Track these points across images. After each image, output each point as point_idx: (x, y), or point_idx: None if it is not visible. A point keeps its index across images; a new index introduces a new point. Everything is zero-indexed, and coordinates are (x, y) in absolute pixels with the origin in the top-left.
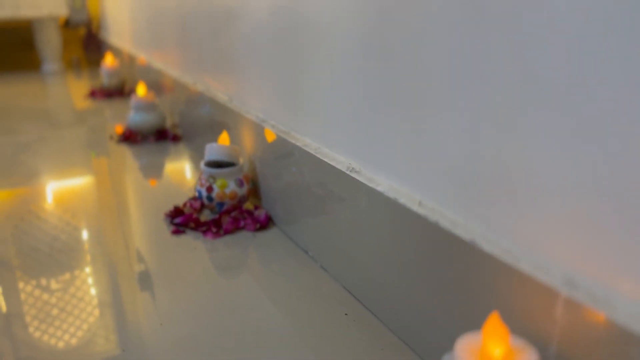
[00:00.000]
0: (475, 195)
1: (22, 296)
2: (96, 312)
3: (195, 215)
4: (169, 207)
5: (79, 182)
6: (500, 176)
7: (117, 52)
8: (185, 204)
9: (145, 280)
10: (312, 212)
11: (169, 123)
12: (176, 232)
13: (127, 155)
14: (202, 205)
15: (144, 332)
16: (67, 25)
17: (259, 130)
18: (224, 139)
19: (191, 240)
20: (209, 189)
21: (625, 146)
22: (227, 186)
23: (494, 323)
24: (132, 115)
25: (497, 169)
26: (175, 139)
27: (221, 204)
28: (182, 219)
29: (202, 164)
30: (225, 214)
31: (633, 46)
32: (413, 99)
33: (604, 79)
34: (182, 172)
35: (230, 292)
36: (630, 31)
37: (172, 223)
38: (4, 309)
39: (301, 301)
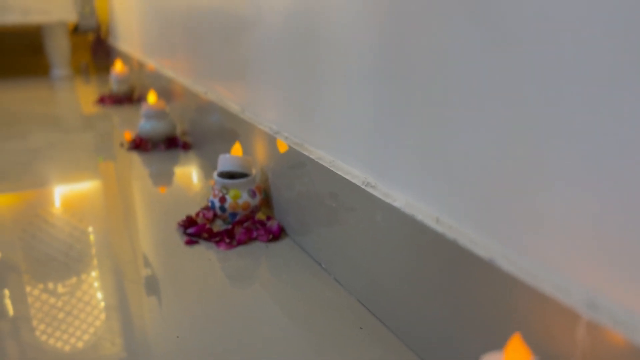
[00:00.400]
0: (494, 213)
1: (30, 300)
2: (102, 316)
3: (208, 226)
4: (180, 215)
5: (88, 188)
6: (521, 194)
7: (125, 59)
8: (198, 214)
9: (155, 289)
10: (326, 225)
11: (178, 131)
12: (189, 242)
13: (137, 162)
14: (215, 216)
15: (151, 336)
16: (76, 31)
17: (271, 141)
18: (237, 149)
19: (204, 251)
20: (222, 200)
21: None
22: (240, 197)
23: (516, 344)
24: (142, 123)
25: (517, 187)
26: (186, 146)
27: (234, 215)
28: (195, 229)
29: (215, 175)
30: (238, 225)
31: None
32: (431, 115)
33: (626, 98)
34: (193, 180)
35: (244, 303)
36: None
37: (185, 233)
38: (12, 312)
39: (315, 314)
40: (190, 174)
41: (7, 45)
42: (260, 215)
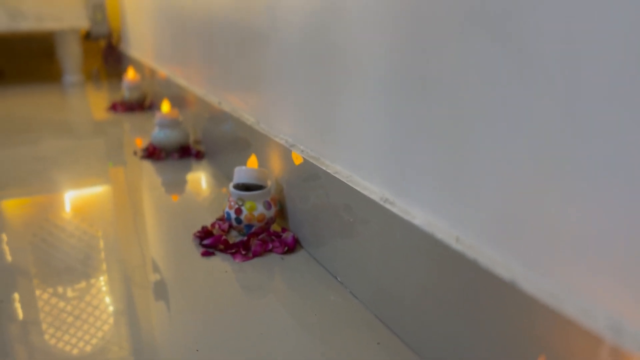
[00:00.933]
0: (515, 233)
1: (39, 304)
2: (111, 320)
3: (224, 237)
4: (193, 222)
5: (100, 195)
6: (542, 215)
7: (137, 65)
8: (213, 225)
9: (166, 296)
10: (342, 239)
11: (191, 139)
12: (206, 253)
13: (150, 171)
14: (230, 227)
15: (159, 342)
16: (88, 37)
17: (286, 153)
18: (253, 162)
19: (219, 262)
20: (238, 211)
21: None
22: (255, 209)
23: None
24: (156, 131)
25: (539, 208)
26: (199, 155)
27: (249, 226)
28: (211, 240)
29: (230, 186)
30: (253, 236)
31: None
32: (452, 134)
33: None
34: (206, 189)
35: (260, 316)
36: None
37: (201, 244)
38: (21, 316)
39: (332, 328)
40: (203, 183)
41: (20, 50)
42: (275, 227)
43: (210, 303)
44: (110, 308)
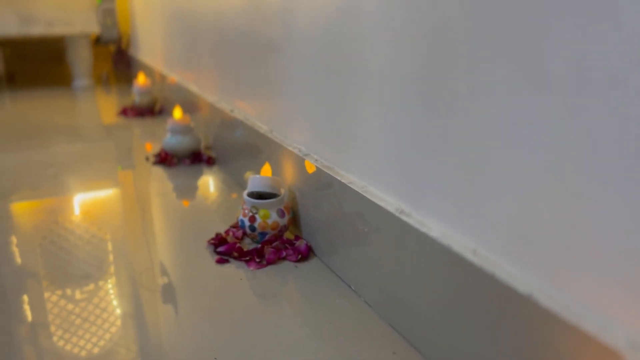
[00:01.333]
0: (533, 247)
1: (48, 306)
2: (118, 322)
3: (238, 245)
4: (205, 228)
5: (111, 200)
6: (561, 229)
7: (147, 70)
8: (227, 232)
9: (174, 300)
10: (357, 248)
11: (202, 145)
12: (220, 261)
13: (162, 176)
14: (244, 234)
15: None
16: (98, 42)
17: (300, 162)
18: (266, 170)
19: (234, 269)
20: (252, 219)
21: None
22: (269, 217)
23: None
24: (168, 137)
25: (557, 222)
26: (210, 161)
27: (263, 234)
28: (225, 248)
29: (244, 195)
30: (267, 244)
31: None
32: (467, 147)
33: None
34: (217, 195)
35: (274, 323)
36: None
37: (216, 252)
38: (30, 318)
39: (347, 337)
40: (215, 189)
41: (30, 54)
42: (288, 235)
43: (225, 310)
44: (118, 311)
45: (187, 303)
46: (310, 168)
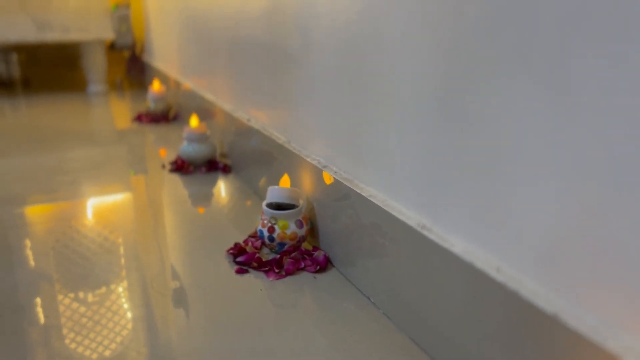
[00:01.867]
0: (559, 265)
1: (61, 308)
2: (129, 325)
3: (257, 255)
4: (221, 236)
5: (126, 206)
6: (587, 247)
7: (161, 77)
8: (246, 242)
9: (186, 305)
10: (376, 261)
11: (217, 153)
12: (240, 271)
13: (179, 184)
14: (263, 244)
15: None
16: (112, 47)
17: (318, 173)
18: (285, 181)
19: (253, 279)
20: (271, 230)
21: None
22: (288, 227)
23: None
24: (184, 146)
25: (583, 240)
26: (226, 169)
27: (282, 244)
28: (245, 258)
29: (263, 205)
30: (285, 254)
31: None
32: (491, 164)
33: None
34: (234, 203)
35: (293, 334)
36: None
37: (235, 262)
38: (42, 320)
39: (365, 348)
40: (231, 197)
41: (45, 59)
42: (306, 245)
43: (242, 318)
44: (130, 314)
45: (201, 309)
46: (329, 179)
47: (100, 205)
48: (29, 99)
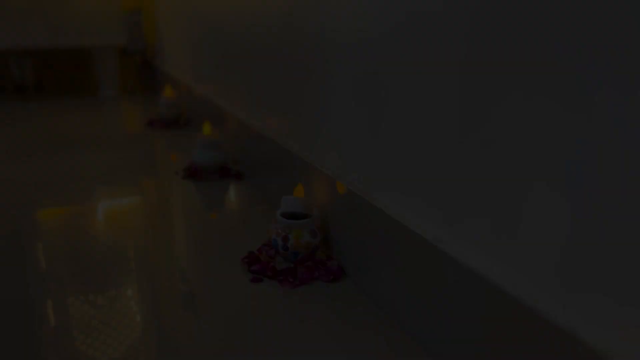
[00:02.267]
0: (577, 284)
1: (71, 310)
2: (138, 328)
3: (272, 264)
4: (234, 243)
5: (139, 211)
6: (606, 267)
7: (173, 82)
8: (260, 251)
9: (195, 308)
10: (390, 272)
11: (230, 160)
12: (255, 280)
13: (191, 190)
14: (276, 253)
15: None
16: (124, 52)
17: (332, 184)
18: (299, 191)
19: (267, 288)
20: (285, 239)
21: None
22: (302, 237)
23: None
24: (197, 152)
25: (601, 260)
26: (238, 176)
27: (296, 254)
28: (259, 267)
29: (278, 214)
30: (299, 264)
31: None
32: (509, 179)
33: None
34: (246, 209)
35: (309, 344)
36: None
37: (249, 271)
38: (53, 322)
39: (378, 359)
40: (243, 204)
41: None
42: (319, 254)
43: (259, 328)
44: (139, 317)
45: (213, 316)
46: (342, 190)
47: (113, 210)
48: (42, 104)
